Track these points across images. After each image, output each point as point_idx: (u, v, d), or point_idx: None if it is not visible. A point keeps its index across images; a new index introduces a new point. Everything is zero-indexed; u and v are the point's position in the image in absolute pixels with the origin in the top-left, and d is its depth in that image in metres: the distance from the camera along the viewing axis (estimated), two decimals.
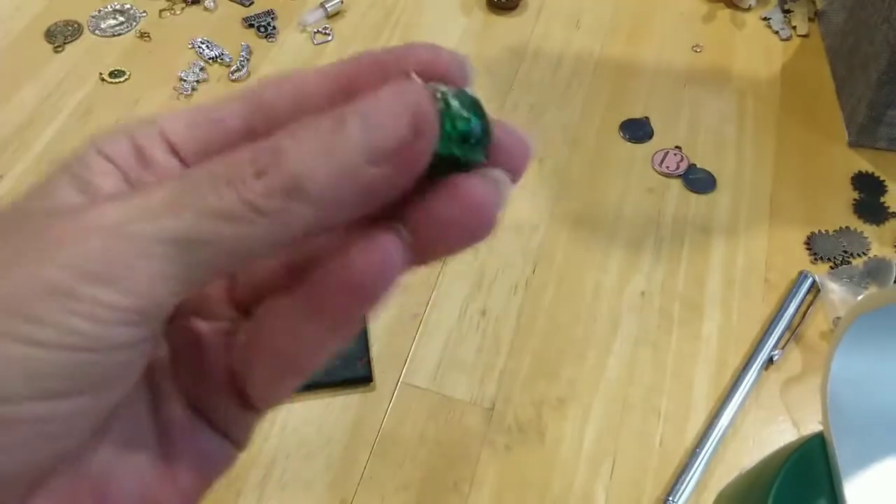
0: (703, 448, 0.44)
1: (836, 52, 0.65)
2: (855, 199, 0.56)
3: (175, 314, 0.17)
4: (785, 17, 0.70)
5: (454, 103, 0.16)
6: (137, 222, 0.15)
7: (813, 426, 0.46)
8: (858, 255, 0.53)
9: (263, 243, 0.16)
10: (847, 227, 0.55)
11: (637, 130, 0.61)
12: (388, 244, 0.16)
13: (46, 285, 0.15)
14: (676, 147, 0.60)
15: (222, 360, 0.19)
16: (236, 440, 0.20)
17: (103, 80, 0.65)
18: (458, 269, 0.53)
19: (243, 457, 0.47)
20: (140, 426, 0.18)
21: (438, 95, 0.16)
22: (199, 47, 0.67)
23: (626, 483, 0.44)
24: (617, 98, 0.64)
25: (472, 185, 0.16)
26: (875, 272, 0.52)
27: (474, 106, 0.17)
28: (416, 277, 0.52)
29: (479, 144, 0.17)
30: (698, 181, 0.58)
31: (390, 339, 0.50)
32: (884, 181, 0.57)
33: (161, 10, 0.71)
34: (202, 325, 0.20)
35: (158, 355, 0.19)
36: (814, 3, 0.70)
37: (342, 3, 0.70)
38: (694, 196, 0.57)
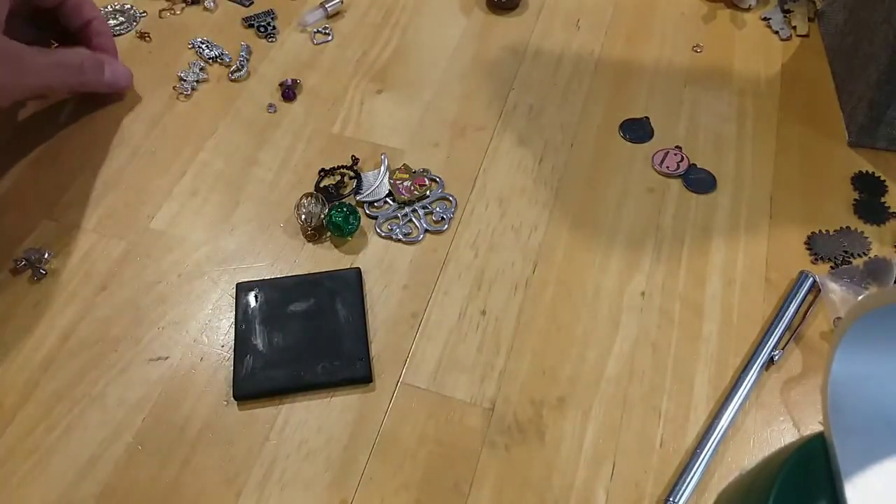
0: (703, 448, 0.44)
1: (836, 52, 0.65)
2: (855, 199, 0.56)
3: None
4: (785, 16, 0.70)
5: (338, 219, 0.53)
6: None
7: (813, 426, 0.46)
8: (859, 255, 0.53)
9: None
10: (847, 227, 0.54)
11: (637, 130, 0.61)
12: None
13: None
14: (677, 147, 0.60)
15: None
16: None
17: None
18: (458, 269, 0.53)
19: (243, 457, 0.47)
20: None
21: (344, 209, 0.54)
22: (199, 47, 0.67)
23: (626, 483, 0.44)
24: (617, 98, 0.64)
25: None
26: (876, 272, 0.52)
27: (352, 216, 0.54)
28: (417, 277, 0.52)
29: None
30: (698, 181, 0.58)
31: (390, 339, 0.50)
32: (884, 181, 0.57)
33: (161, 10, 0.71)
34: None
35: None
36: (814, 2, 0.70)
37: (342, 2, 0.70)
38: (694, 196, 0.57)
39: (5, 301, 0.52)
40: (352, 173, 0.58)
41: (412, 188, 0.57)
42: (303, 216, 0.54)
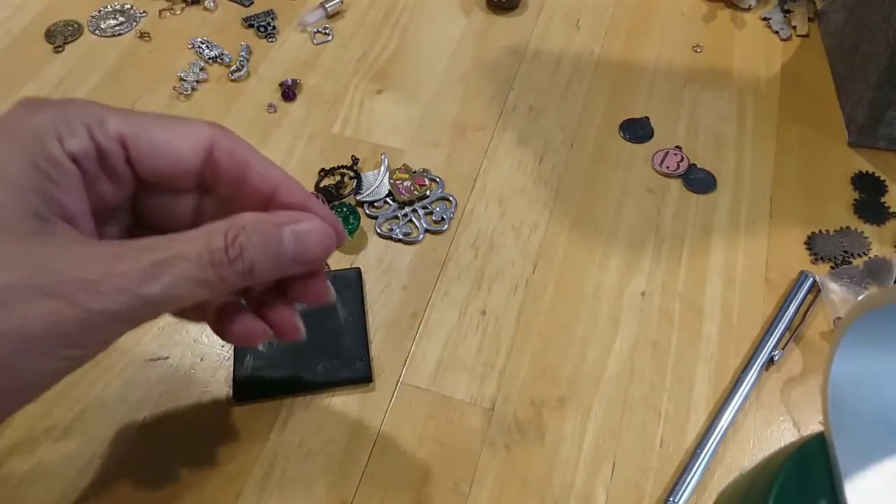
0: (703, 448, 0.44)
1: (836, 52, 0.65)
2: (855, 199, 0.56)
3: None
4: (785, 16, 0.70)
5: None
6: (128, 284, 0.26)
7: (813, 426, 0.46)
8: (859, 255, 0.53)
9: (220, 294, 0.31)
10: (847, 227, 0.54)
11: (637, 130, 0.61)
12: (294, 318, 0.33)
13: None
14: (676, 147, 0.60)
15: None
16: None
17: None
18: (458, 269, 0.53)
19: (243, 457, 0.47)
20: None
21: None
22: (199, 47, 0.67)
23: (626, 483, 0.44)
24: (617, 98, 0.64)
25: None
26: (876, 272, 0.52)
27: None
28: (417, 277, 0.52)
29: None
30: (698, 181, 0.58)
31: (390, 339, 0.50)
32: (884, 181, 0.57)
33: (161, 10, 0.71)
34: None
35: None
36: (814, 3, 0.70)
37: (342, 2, 0.70)
38: (694, 196, 0.57)
39: None
40: (352, 173, 0.58)
41: (412, 188, 0.57)
42: None
